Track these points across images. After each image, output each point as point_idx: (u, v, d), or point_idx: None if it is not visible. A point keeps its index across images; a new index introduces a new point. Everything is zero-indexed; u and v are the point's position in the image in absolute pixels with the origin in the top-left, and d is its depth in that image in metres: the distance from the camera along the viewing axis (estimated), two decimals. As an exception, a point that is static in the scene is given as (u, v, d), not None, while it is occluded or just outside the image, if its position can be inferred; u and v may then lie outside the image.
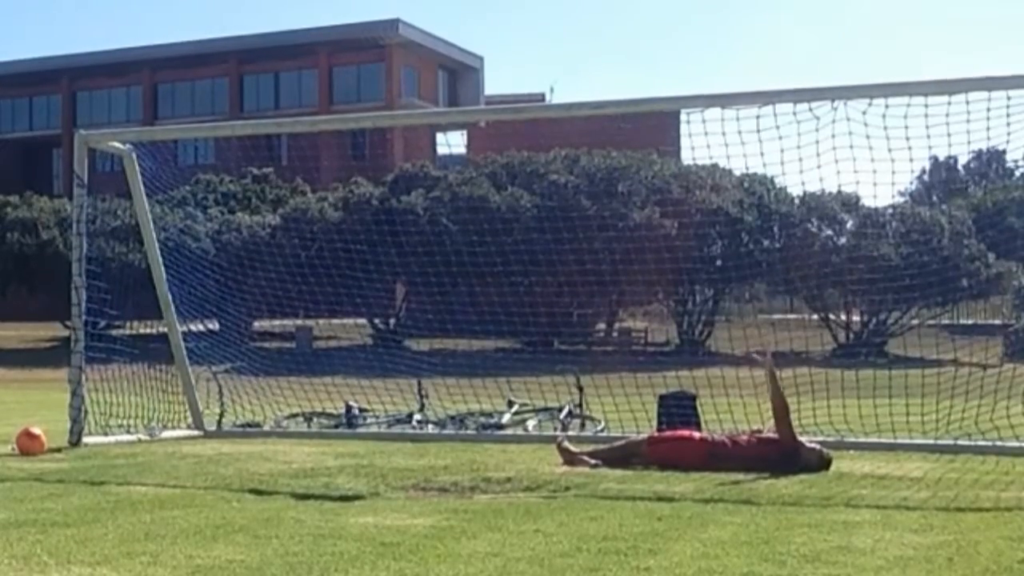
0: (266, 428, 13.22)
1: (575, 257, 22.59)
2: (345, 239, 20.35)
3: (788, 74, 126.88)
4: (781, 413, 9.31)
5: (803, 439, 9.48)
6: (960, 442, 10.52)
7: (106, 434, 11.93)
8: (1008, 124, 9.75)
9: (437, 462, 9.76)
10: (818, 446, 9.42)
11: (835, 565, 5.55)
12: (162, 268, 13.02)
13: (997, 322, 33.10)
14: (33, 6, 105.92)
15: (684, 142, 11.19)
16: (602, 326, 40.67)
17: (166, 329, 13.18)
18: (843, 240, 35.25)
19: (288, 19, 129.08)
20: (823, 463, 9.08)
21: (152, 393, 13.02)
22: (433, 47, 68.56)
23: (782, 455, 9.12)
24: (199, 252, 16.06)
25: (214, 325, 15.56)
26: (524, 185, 38.92)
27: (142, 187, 12.85)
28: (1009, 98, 9.56)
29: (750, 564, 5.57)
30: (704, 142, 10.81)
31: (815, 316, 34.48)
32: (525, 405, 14.20)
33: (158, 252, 13.03)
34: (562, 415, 13.12)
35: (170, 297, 13.01)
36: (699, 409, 11.98)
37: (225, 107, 67.57)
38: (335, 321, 30.84)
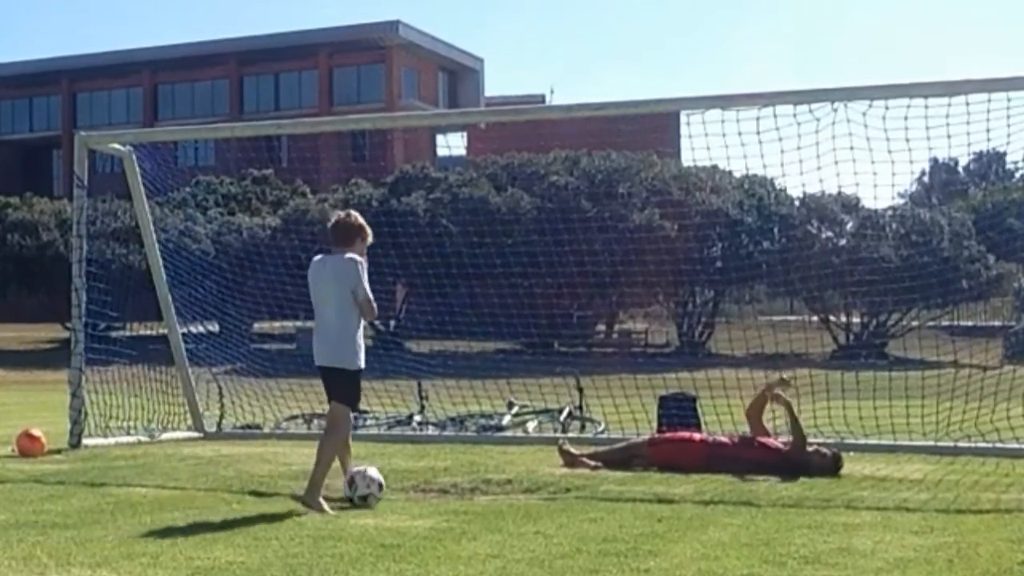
0: (266, 430, 13.21)
1: (575, 258, 22.55)
2: (345, 240, 20.22)
3: (789, 76, 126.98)
4: (800, 443, 9.31)
5: (815, 444, 9.49)
6: (960, 444, 10.52)
7: (106, 436, 11.93)
8: (1008, 126, 9.76)
9: (437, 464, 9.75)
10: (825, 449, 9.42)
11: (835, 567, 5.55)
12: (162, 270, 13.01)
13: (997, 324, 33.00)
14: (33, 6, 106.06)
15: (684, 143, 11.21)
16: (602, 328, 40.68)
17: (166, 331, 13.17)
18: (843, 241, 35.19)
19: (288, 20, 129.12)
20: (836, 465, 9.07)
21: (152, 395, 13.02)
22: (433, 48, 68.54)
23: (783, 460, 9.11)
24: (199, 253, 16.07)
25: (214, 326, 15.57)
26: (524, 187, 38.90)
27: (142, 188, 12.84)
28: (1009, 100, 9.57)
29: (750, 566, 5.57)
30: (704, 143, 10.81)
31: (815, 318, 34.43)
32: (525, 407, 14.17)
33: (158, 254, 13.02)
34: (562, 417, 13.11)
35: (170, 298, 13.00)
36: (699, 411, 11.98)
37: (225, 108, 67.53)
38: (335, 323, 30.73)
